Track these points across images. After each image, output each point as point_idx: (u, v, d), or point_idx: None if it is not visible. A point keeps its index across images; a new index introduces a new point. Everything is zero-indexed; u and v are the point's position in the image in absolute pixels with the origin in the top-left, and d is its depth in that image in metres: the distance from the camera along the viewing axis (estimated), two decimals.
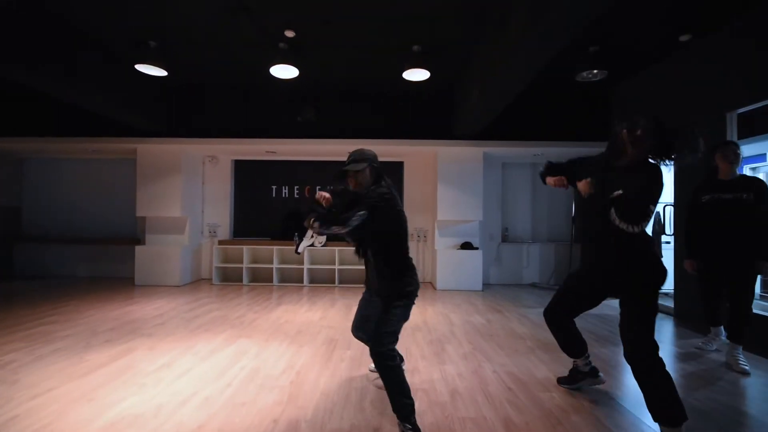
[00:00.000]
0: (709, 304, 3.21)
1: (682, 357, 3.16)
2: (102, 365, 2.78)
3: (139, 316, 4.22)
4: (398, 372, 1.89)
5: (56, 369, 2.71)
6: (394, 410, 1.88)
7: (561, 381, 2.55)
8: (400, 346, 3.28)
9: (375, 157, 2.14)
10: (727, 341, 3.04)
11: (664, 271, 1.90)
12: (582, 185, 2.01)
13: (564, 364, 2.84)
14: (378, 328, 1.97)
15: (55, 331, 3.61)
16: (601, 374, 2.46)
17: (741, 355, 2.92)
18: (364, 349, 3.21)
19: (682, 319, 4.33)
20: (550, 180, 2.29)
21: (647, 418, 2.08)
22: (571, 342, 2.37)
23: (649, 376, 1.79)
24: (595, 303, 2.22)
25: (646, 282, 1.88)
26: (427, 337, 3.58)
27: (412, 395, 1.90)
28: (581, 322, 4.14)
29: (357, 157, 2.09)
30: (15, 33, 3.64)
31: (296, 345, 3.28)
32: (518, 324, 4.08)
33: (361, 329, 2.38)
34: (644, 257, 1.91)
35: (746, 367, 2.84)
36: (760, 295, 5.68)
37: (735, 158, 2.95)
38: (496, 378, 2.64)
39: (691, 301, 4.18)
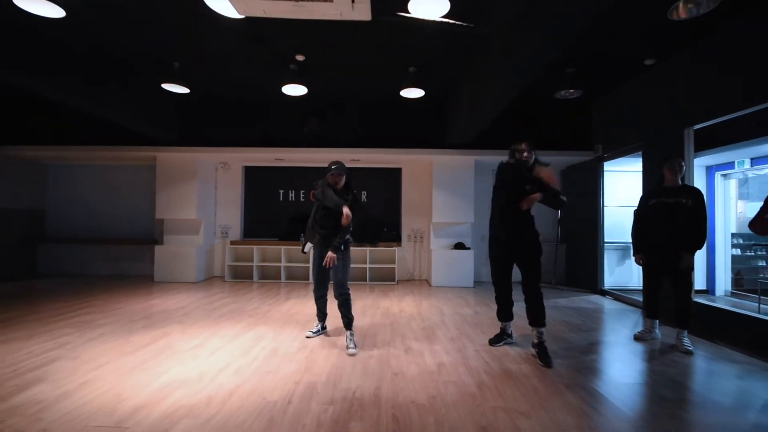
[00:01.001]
0: (649, 296, 3.70)
1: (638, 340, 3.67)
2: (146, 345, 3.31)
3: (165, 307, 4.74)
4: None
5: (108, 348, 3.23)
6: (348, 326, 3.34)
7: (491, 341, 3.47)
8: (396, 332, 3.81)
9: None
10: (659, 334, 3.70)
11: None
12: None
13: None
14: (340, 277, 3.34)
15: (95, 320, 4.13)
16: (514, 335, 3.59)
17: (686, 338, 3.44)
18: (366, 334, 3.74)
19: None
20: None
21: (596, 383, 2.61)
22: (509, 311, 3.43)
23: (537, 303, 3.09)
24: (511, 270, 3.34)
25: (538, 252, 3.18)
26: (421, 325, 4.10)
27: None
28: (558, 314, 4.68)
29: (343, 167, 3.31)
30: (47, 51, 4.17)
31: (307, 331, 3.79)
32: None
33: (324, 287, 3.61)
34: (537, 236, 3.21)
35: (690, 348, 3.36)
36: (732, 292, 6.25)
37: (679, 169, 3.50)
38: (476, 354, 3.16)
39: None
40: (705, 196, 3.49)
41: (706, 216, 3.35)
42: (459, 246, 6.68)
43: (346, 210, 3.12)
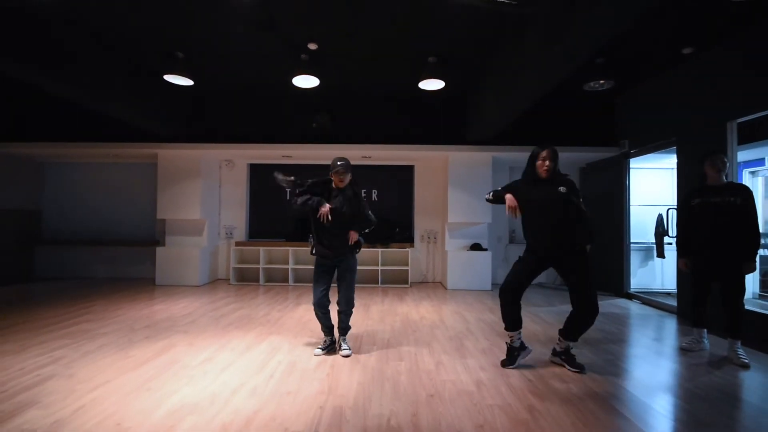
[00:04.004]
0: (697, 303, 3.38)
1: (685, 351, 3.37)
2: (148, 359, 3.00)
3: (168, 314, 4.44)
4: None
5: (106, 363, 2.92)
6: (345, 332, 3.24)
7: (504, 363, 2.95)
8: (421, 342, 3.51)
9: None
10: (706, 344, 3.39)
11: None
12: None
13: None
14: (349, 292, 3.16)
15: (94, 329, 3.82)
16: (528, 345, 3.02)
17: (740, 350, 3.14)
18: (389, 345, 3.43)
19: (684, 317, 4.54)
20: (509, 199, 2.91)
21: (656, 402, 2.31)
22: (516, 317, 2.89)
23: (592, 318, 2.77)
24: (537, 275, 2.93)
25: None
26: (446, 334, 3.80)
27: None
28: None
29: (348, 166, 3.09)
30: (42, 39, 3.81)
31: (315, 348, 3.47)
32: (530, 322, 4.30)
33: (327, 302, 3.16)
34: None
35: (746, 361, 3.05)
36: (759, 294, 5.92)
37: (723, 166, 3.23)
38: (515, 371, 2.86)
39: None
40: None
41: (757, 214, 3.06)
42: (476, 247, 6.37)
43: (353, 235, 3.15)
